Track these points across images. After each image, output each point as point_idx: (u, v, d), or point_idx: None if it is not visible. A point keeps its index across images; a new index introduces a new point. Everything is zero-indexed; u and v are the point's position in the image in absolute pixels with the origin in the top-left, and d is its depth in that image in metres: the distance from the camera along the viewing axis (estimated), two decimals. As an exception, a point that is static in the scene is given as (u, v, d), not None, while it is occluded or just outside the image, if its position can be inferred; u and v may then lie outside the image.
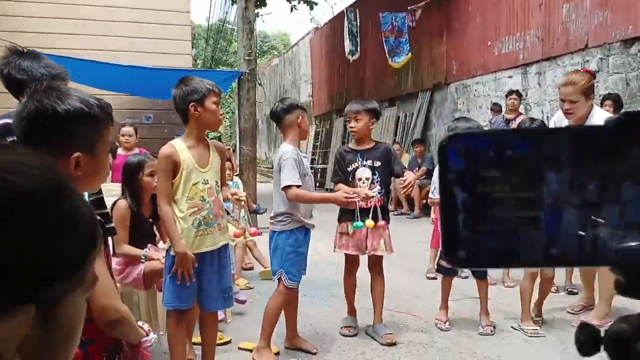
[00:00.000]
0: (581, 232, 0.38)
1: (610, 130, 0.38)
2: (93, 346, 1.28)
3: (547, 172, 0.38)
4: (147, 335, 1.39)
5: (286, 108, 3.04)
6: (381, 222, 3.25)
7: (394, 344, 3.25)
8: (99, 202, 2.40)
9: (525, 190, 0.38)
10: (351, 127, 3.39)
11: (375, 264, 3.41)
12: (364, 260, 3.56)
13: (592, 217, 0.38)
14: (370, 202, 3.17)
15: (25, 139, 1.15)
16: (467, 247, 0.39)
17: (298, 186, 2.88)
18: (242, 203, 2.94)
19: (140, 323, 1.40)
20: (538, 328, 3.41)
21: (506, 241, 0.39)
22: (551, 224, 0.38)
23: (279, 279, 2.96)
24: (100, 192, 2.42)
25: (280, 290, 2.99)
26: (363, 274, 3.66)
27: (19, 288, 0.46)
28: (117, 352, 1.33)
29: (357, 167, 3.31)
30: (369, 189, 3.19)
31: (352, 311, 3.55)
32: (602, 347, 0.40)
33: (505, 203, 0.38)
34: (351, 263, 3.47)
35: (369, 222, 3.15)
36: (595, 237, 0.38)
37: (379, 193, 3.26)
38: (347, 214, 3.29)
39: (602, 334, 0.41)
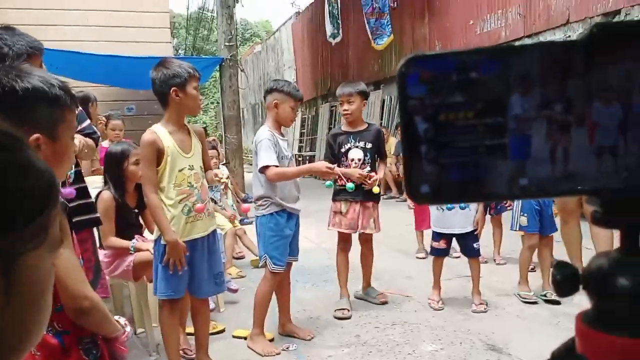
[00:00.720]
0: (550, 160, 0.35)
1: (581, 46, 0.34)
2: (69, 336, 1.23)
3: (515, 94, 0.35)
4: (123, 329, 1.33)
5: (267, 89, 3.02)
6: (370, 202, 3.44)
7: (386, 302, 3.58)
8: (83, 191, 2.34)
9: (491, 115, 0.35)
10: (344, 110, 3.43)
11: (367, 240, 3.59)
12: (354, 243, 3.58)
13: (562, 143, 0.35)
14: (371, 181, 3.28)
15: None
16: (431, 181, 0.36)
17: (275, 167, 2.83)
18: (224, 188, 2.90)
19: (116, 317, 1.35)
20: (532, 293, 3.53)
21: (472, 173, 0.36)
22: (519, 151, 0.35)
23: (265, 264, 2.94)
24: (83, 181, 2.37)
25: (266, 276, 2.96)
26: (353, 257, 3.66)
27: None
28: (94, 344, 1.28)
29: (350, 148, 3.41)
30: (359, 169, 3.32)
31: (345, 293, 3.55)
32: (580, 286, 0.38)
33: (471, 131, 0.35)
34: (344, 241, 3.54)
35: (376, 189, 3.31)
36: (567, 164, 0.35)
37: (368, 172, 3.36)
38: (341, 194, 3.42)
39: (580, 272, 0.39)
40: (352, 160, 3.38)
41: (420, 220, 4.70)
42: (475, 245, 3.50)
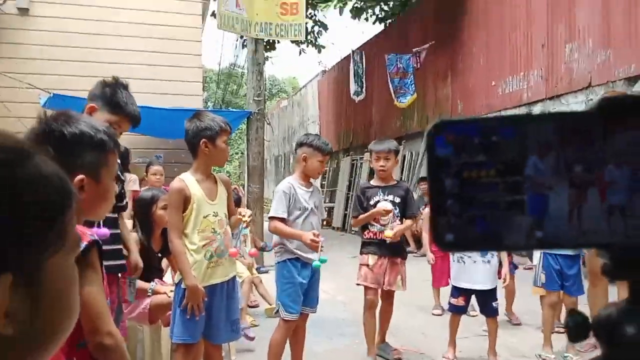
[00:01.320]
0: (564, 216, 0.39)
1: (592, 115, 0.39)
2: None
3: (531, 156, 0.39)
4: None
5: (297, 143, 3.16)
6: (398, 259, 3.54)
7: (400, 358, 3.57)
8: (116, 237, 2.42)
9: (511, 174, 0.40)
10: (381, 166, 3.57)
11: (389, 296, 3.60)
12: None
13: (576, 201, 0.39)
14: (388, 219, 3.41)
15: None
16: (455, 231, 0.40)
17: (282, 219, 2.91)
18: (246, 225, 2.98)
19: None
20: (553, 356, 3.46)
21: (493, 225, 0.40)
22: (536, 207, 0.39)
23: (278, 311, 2.97)
24: (118, 227, 2.44)
25: (279, 324, 2.99)
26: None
27: None
28: None
29: (379, 201, 3.51)
30: (388, 222, 3.42)
31: (372, 352, 3.49)
32: (590, 333, 0.41)
33: (492, 188, 0.40)
34: (371, 298, 3.49)
35: (387, 233, 3.38)
36: (579, 220, 0.39)
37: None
38: (368, 246, 3.50)
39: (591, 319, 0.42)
40: None
41: (439, 277, 4.68)
42: (494, 304, 3.45)
